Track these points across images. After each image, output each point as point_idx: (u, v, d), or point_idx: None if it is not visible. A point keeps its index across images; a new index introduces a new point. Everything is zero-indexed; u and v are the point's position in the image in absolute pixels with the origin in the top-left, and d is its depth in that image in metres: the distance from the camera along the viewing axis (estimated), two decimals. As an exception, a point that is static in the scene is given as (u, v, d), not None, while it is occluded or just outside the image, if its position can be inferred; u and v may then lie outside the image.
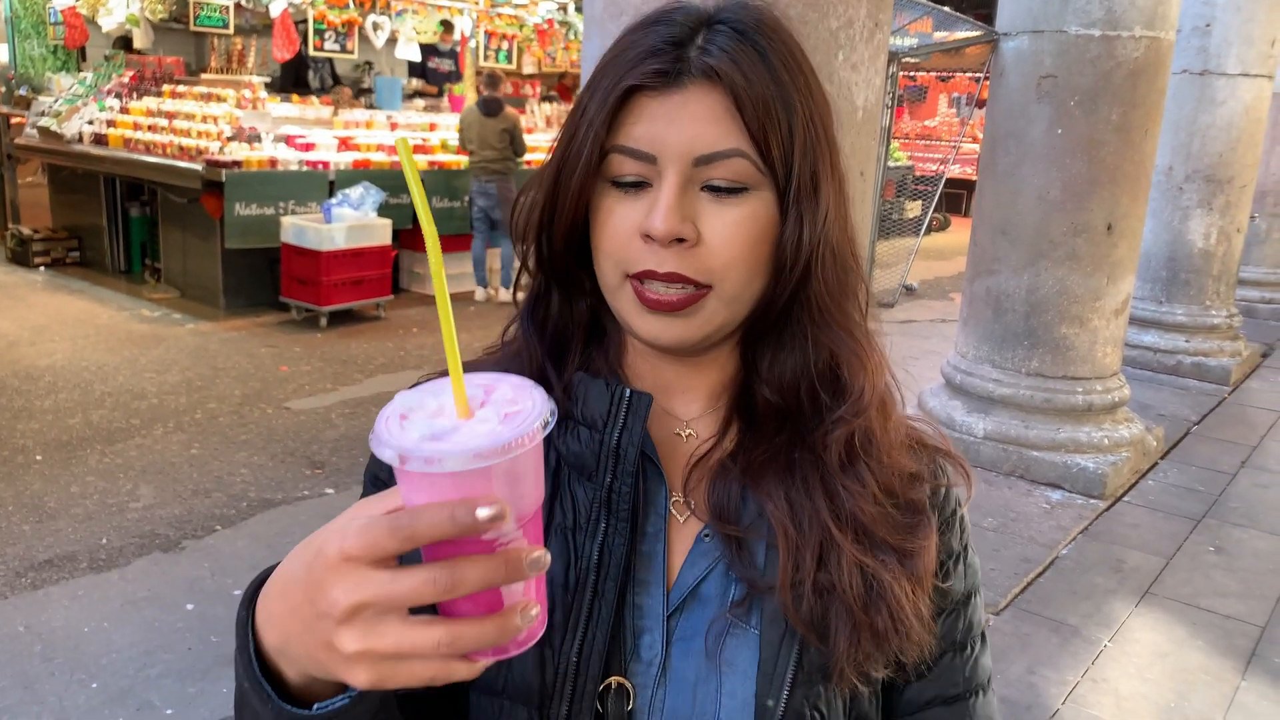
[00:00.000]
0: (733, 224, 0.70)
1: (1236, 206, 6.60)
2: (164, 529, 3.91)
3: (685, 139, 0.69)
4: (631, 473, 0.74)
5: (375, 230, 7.22)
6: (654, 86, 0.70)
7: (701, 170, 0.70)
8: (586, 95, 0.73)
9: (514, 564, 0.51)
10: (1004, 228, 4.73)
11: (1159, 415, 5.63)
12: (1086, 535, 4.19)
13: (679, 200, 0.69)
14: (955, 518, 0.82)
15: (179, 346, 6.41)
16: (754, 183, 0.71)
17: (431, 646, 0.50)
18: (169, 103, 8.03)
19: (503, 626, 0.51)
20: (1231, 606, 3.64)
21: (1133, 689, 3.09)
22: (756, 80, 0.69)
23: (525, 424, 0.53)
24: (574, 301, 0.80)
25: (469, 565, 0.50)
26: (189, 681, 2.95)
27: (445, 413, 0.55)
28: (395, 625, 0.50)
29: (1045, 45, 4.46)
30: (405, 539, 0.49)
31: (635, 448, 0.74)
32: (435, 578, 0.49)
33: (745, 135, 0.69)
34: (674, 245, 0.69)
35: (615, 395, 0.75)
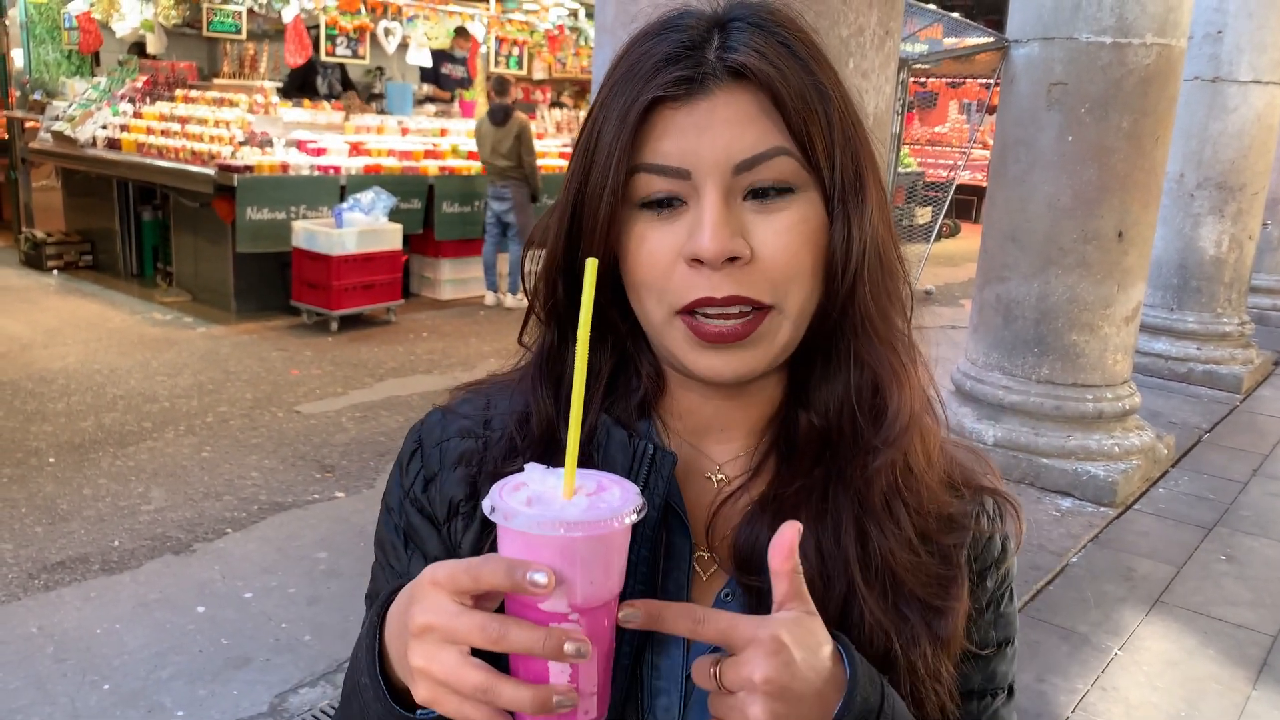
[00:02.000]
0: (785, 230, 0.65)
1: (1248, 214, 6.59)
2: (175, 531, 3.93)
3: (721, 146, 0.63)
4: (651, 536, 0.69)
5: (386, 235, 7.25)
6: (678, 96, 0.64)
7: (743, 178, 0.64)
8: (599, 116, 0.67)
9: (553, 640, 0.55)
10: (1014, 234, 4.73)
11: (1170, 423, 5.61)
12: (1097, 543, 4.18)
13: (725, 214, 0.63)
14: (997, 569, 0.77)
15: (190, 350, 6.44)
16: (800, 183, 0.65)
17: (471, 687, 0.56)
18: (182, 107, 8.08)
19: (536, 697, 0.55)
20: (1243, 615, 3.63)
21: (1143, 698, 3.08)
22: (790, 72, 0.64)
23: (600, 513, 0.58)
24: (598, 355, 0.73)
25: (517, 626, 0.56)
26: (200, 683, 2.96)
27: (551, 490, 0.60)
28: (451, 656, 0.56)
29: (1056, 52, 4.46)
30: (473, 578, 0.56)
31: (657, 511, 0.69)
32: (486, 626, 0.55)
33: (785, 132, 0.64)
34: (727, 265, 0.63)
35: (638, 452, 0.71)
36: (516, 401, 0.76)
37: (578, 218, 0.68)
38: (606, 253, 0.67)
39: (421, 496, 0.77)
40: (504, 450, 0.74)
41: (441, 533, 0.76)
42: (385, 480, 0.82)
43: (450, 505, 0.75)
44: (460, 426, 0.77)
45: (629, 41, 0.68)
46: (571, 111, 10.76)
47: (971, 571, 0.75)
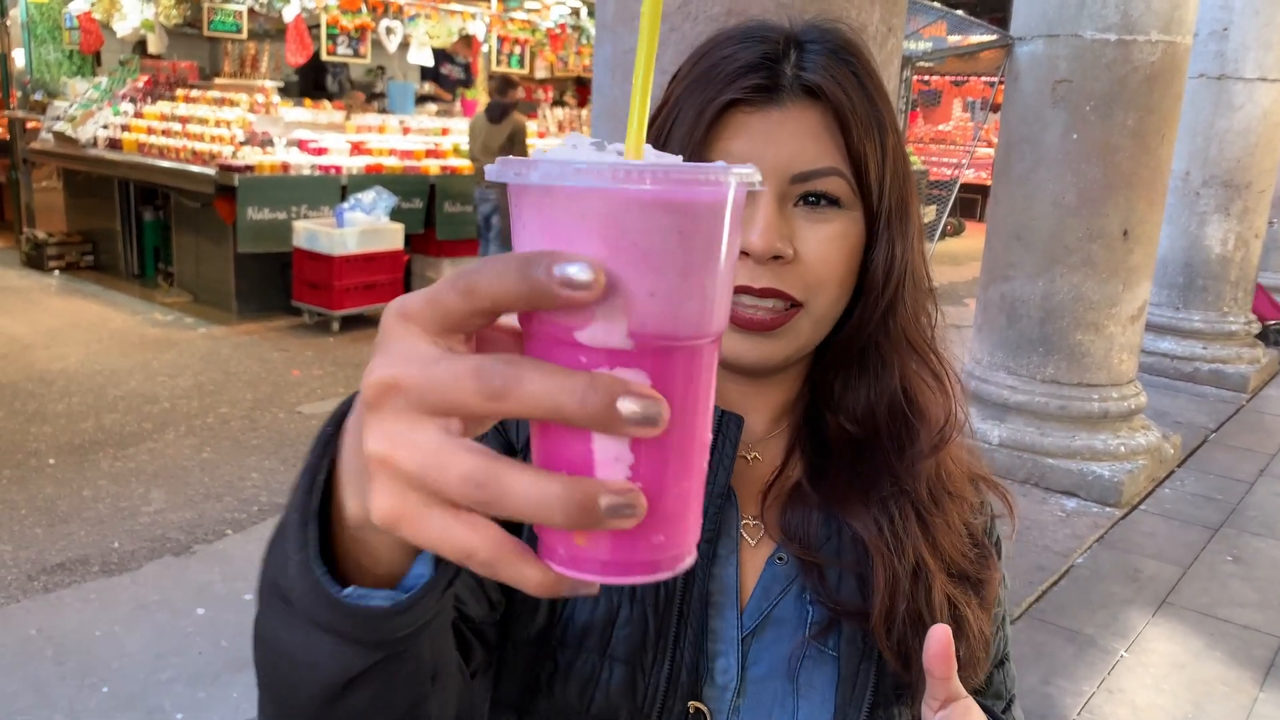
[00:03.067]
0: (828, 240, 0.70)
1: (1254, 212, 6.55)
2: (175, 533, 3.91)
3: (784, 156, 0.69)
4: (721, 494, 0.73)
5: (387, 235, 7.23)
6: (754, 101, 0.69)
7: (798, 186, 0.70)
8: (669, 118, 0.71)
9: (596, 392, 0.33)
10: (1019, 233, 4.70)
11: (1176, 423, 5.58)
12: (1102, 544, 4.15)
13: (777, 217, 0.69)
14: (999, 548, 0.84)
15: (191, 351, 6.42)
16: (848, 201, 0.70)
17: (458, 478, 0.34)
18: (183, 107, 8.06)
19: (569, 498, 0.33)
20: (1250, 617, 3.60)
21: (1149, 700, 3.05)
22: (857, 100, 0.69)
23: (694, 171, 0.35)
24: None
25: (533, 369, 0.33)
26: (199, 686, 2.94)
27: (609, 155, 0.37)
28: (429, 434, 0.34)
29: (1060, 50, 4.43)
30: (464, 291, 0.35)
31: (727, 471, 0.73)
32: (482, 369, 0.33)
33: (843, 154, 0.69)
34: (770, 262, 0.69)
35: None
36: None
37: None
38: None
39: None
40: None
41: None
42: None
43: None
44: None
45: (708, 43, 0.73)
46: (574, 110, 10.72)
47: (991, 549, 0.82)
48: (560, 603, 0.71)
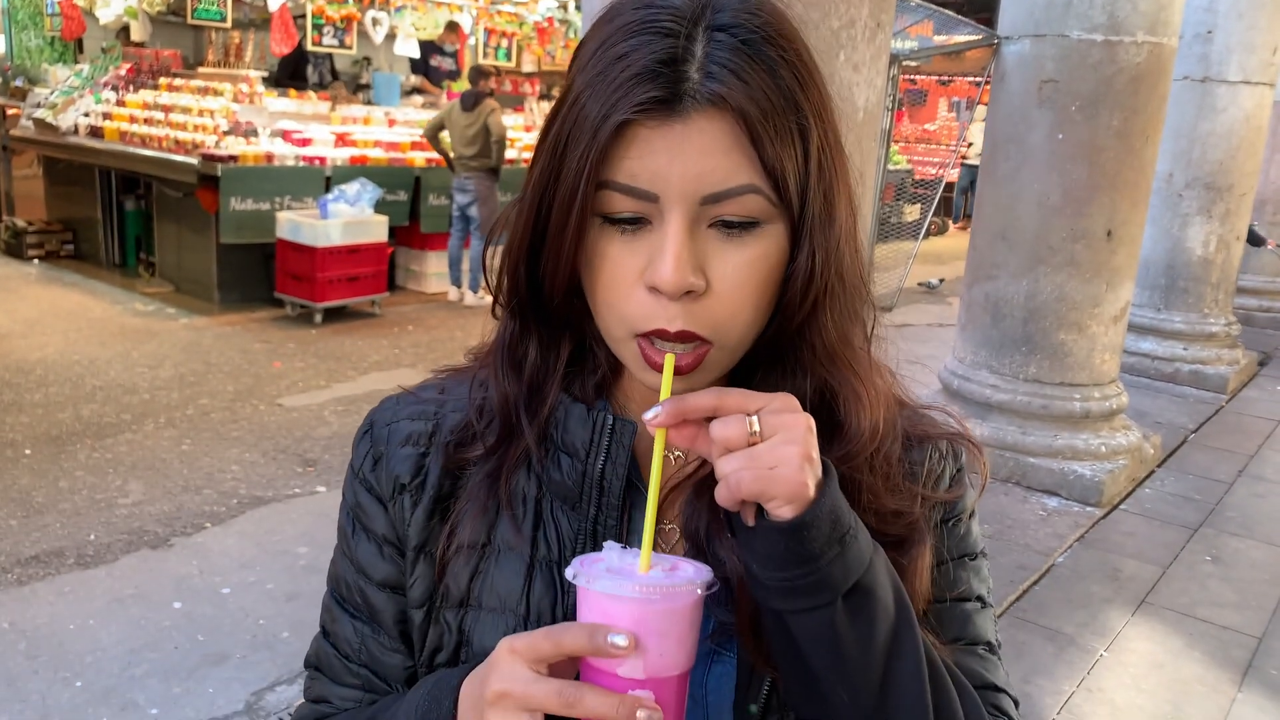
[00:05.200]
0: (745, 266, 0.64)
1: (1236, 214, 6.59)
2: (153, 526, 3.87)
3: (692, 176, 0.61)
4: (617, 506, 0.71)
5: (371, 227, 7.19)
6: (653, 115, 0.61)
7: (709, 208, 0.62)
8: (568, 119, 0.64)
9: (628, 706, 0.57)
10: (1004, 233, 4.70)
11: (1156, 423, 5.61)
12: (1083, 543, 4.16)
13: (688, 247, 0.62)
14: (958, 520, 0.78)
15: (172, 341, 6.37)
16: (766, 217, 0.64)
17: None
18: (165, 96, 7.99)
19: None
20: (1228, 617, 3.62)
21: (1128, 699, 3.06)
22: (769, 106, 0.61)
23: (670, 580, 0.60)
24: (558, 345, 0.74)
25: (591, 692, 0.58)
26: (174, 681, 2.91)
27: (629, 565, 0.62)
28: None
29: (1047, 50, 4.43)
30: (554, 644, 0.59)
31: (620, 480, 0.71)
32: (563, 691, 0.57)
33: (758, 168, 0.62)
34: (682, 298, 0.63)
35: (598, 423, 0.71)
36: (476, 390, 0.76)
37: (542, 218, 0.66)
38: (568, 261, 0.66)
39: (370, 475, 0.78)
40: (459, 435, 0.75)
41: (389, 510, 0.76)
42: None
43: (395, 483, 0.76)
44: (412, 410, 0.79)
45: (603, 29, 0.64)
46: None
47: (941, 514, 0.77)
48: (465, 628, 0.74)
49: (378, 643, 0.77)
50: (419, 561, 0.75)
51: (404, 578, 0.75)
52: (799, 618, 0.60)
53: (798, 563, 0.59)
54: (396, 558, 0.76)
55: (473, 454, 0.74)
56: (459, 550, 0.73)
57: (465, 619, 0.73)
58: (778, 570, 0.59)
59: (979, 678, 0.74)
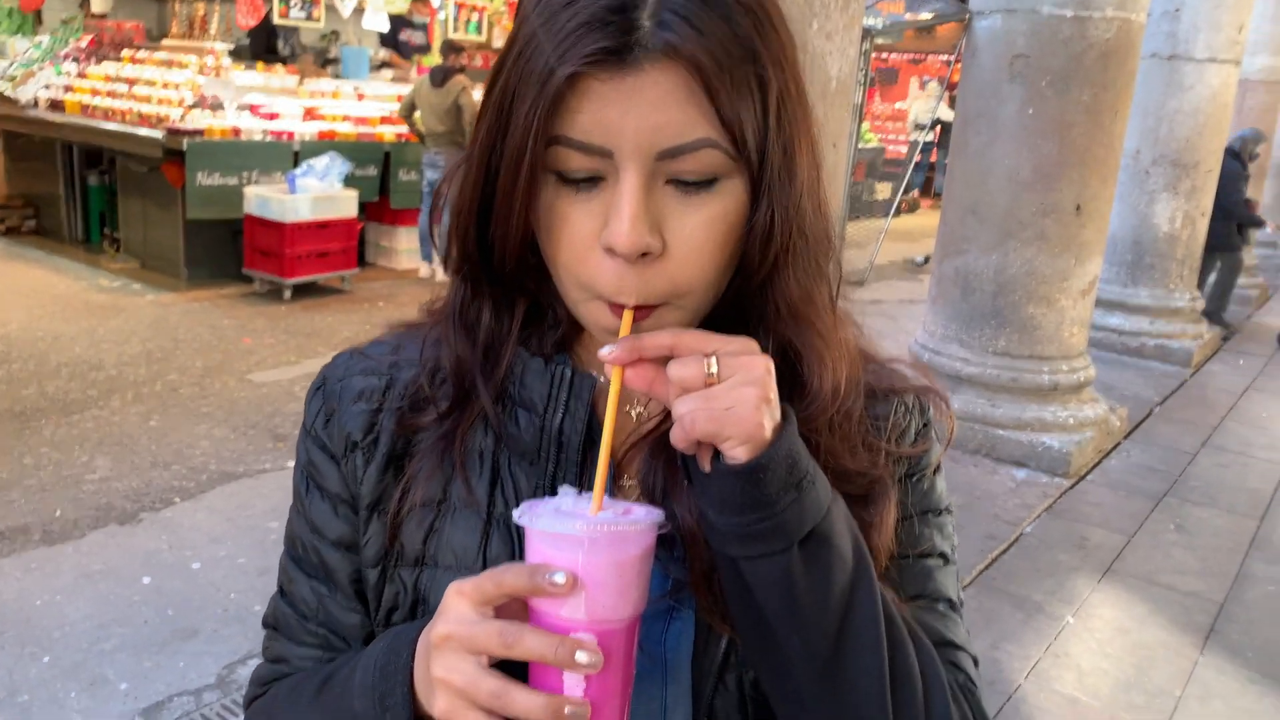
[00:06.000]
0: (702, 226, 0.61)
1: (1201, 191, 6.67)
2: (121, 501, 3.83)
3: (646, 129, 0.58)
4: (576, 460, 0.69)
5: (341, 202, 7.11)
6: (604, 66, 0.57)
7: (665, 164, 0.60)
8: (515, 72, 0.60)
9: (565, 649, 0.56)
10: (974, 207, 4.73)
11: (1123, 396, 5.69)
12: (1051, 513, 4.22)
13: (644, 206, 0.59)
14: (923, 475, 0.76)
15: (139, 317, 6.28)
16: (725, 172, 0.61)
17: (486, 694, 0.57)
18: (129, 68, 7.84)
19: (547, 706, 0.56)
20: (1191, 584, 3.69)
21: (1094, 664, 3.12)
22: (725, 55, 0.58)
23: (623, 519, 0.59)
24: (512, 307, 0.71)
25: (530, 632, 0.57)
26: (145, 655, 2.89)
27: (581, 509, 0.61)
28: (469, 665, 0.58)
29: (1018, 24, 4.45)
30: (496, 584, 0.58)
31: (579, 434, 0.69)
32: (502, 631, 0.57)
33: (716, 121, 0.59)
34: (638, 260, 0.61)
35: (556, 377, 0.70)
36: (428, 351, 0.74)
37: (491, 177, 0.64)
38: (520, 221, 0.64)
39: (322, 433, 0.75)
40: (412, 397, 0.74)
41: (341, 468, 0.75)
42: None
43: (347, 440, 0.74)
44: (365, 366, 0.77)
45: None
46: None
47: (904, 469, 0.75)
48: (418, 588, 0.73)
49: (335, 602, 0.76)
50: (372, 520, 0.73)
51: (358, 536, 0.74)
52: (754, 564, 0.59)
53: (753, 507, 0.58)
54: (350, 516, 0.74)
55: (425, 419, 0.72)
56: (413, 509, 0.71)
57: (421, 578, 0.71)
58: (733, 515, 0.58)
59: (938, 634, 0.73)
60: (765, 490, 0.58)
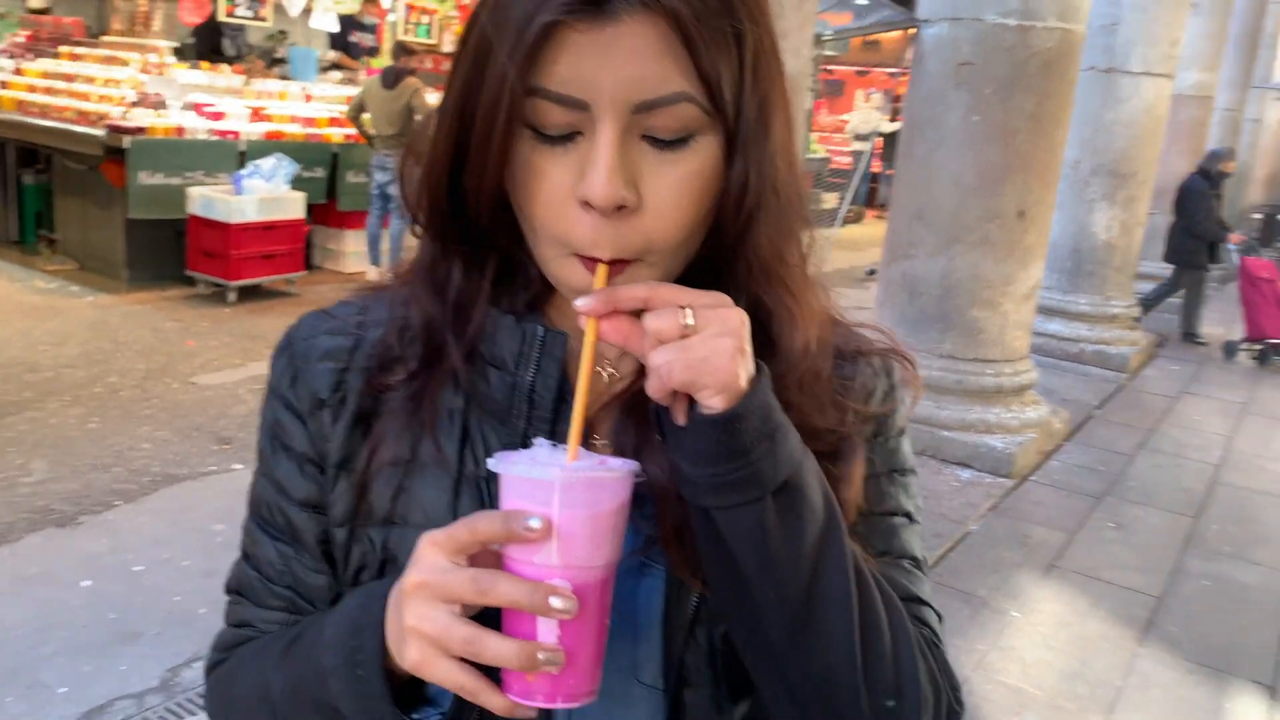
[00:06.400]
0: (678, 182, 0.62)
1: (1138, 200, 6.87)
2: (59, 504, 3.72)
3: (623, 82, 0.58)
4: (547, 418, 0.69)
5: (288, 203, 7.01)
6: (581, 16, 0.58)
7: (642, 118, 0.60)
8: (490, 22, 0.60)
9: (539, 594, 0.56)
10: (920, 213, 4.82)
11: (1063, 400, 5.82)
12: (995, 512, 4.31)
13: (620, 159, 0.60)
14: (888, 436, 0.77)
15: (77, 319, 6.12)
16: (700, 128, 0.61)
17: (459, 640, 0.57)
18: (68, 65, 7.65)
19: (520, 652, 0.57)
20: (1130, 579, 3.78)
21: (1038, 656, 3.19)
22: (703, 8, 0.58)
23: (598, 468, 0.60)
24: (483, 264, 0.71)
25: (504, 578, 0.57)
26: (84, 659, 2.81)
27: (556, 459, 0.61)
28: (442, 613, 0.57)
29: (963, 32, 4.55)
30: (470, 531, 0.58)
31: (551, 391, 0.69)
32: (476, 578, 0.57)
33: (693, 75, 0.59)
34: (613, 214, 0.61)
35: (527, 335, 0.70)
36: (397, 310, 0.74)
37: (465, 129, 0.63)
38: (496, 175, 0.63)
39: (288, 392, 0.74)
40: (380, 357, 0.73)
41: (308, 427, 0.74)
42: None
43: (314, 398, 0.73)
44: (331, 325, 0.76)
45: None
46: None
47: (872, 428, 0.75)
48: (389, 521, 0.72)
49: (300, 563, 0.75)
50: (340, 478, 0.72)
51: (324, 496, 0.73)
52: (728, 514, 0.60)
53: (728, 457, 0.58)
54: (317, 476, 0.73)
55: (394, 379, 0.72)
56: (381, 468, 0.71)
57: (390, 537, 0.71)
58: (708, 465, 0.59)
59: (904, 590, 0.74)
60: (740, 440, 0.58)
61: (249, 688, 0.72)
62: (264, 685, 0.70)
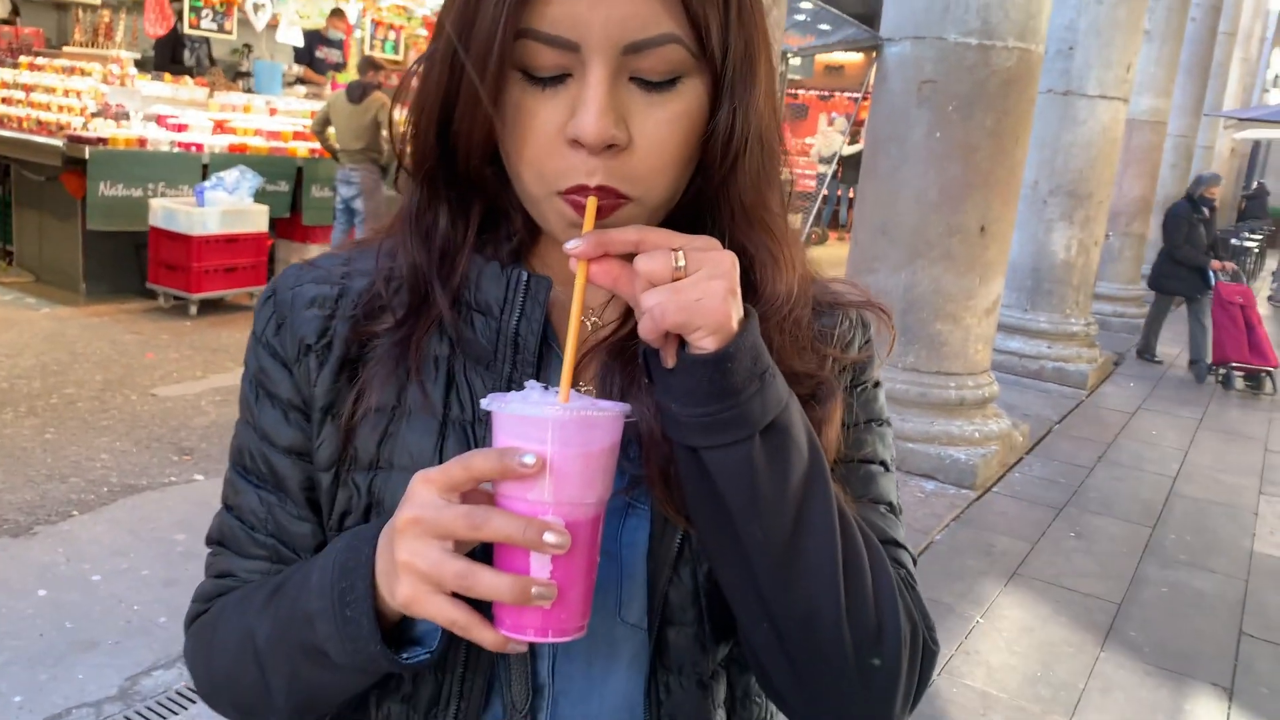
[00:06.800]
0: (665, 123, 0.63)
1: (1095, 221, 7.02)
2: (13, 514, 3.64)
3: (613, 22, 0.59)
4: (532, 362, 0.70)
5: (251, 216, 6.94)
6: None
7: (631, 59, 0.61)
8: None
9: (533, 529, 0.57)
10: (884, 228, 4.88)
11: (1024, 415, 5.91)
12: (959, 522, 4.35)
13: (610, 98, 0.61)
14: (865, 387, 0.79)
15: (33, 331, 6.01)
16: (687, 70, 0.63)
17: (452, 575, 0.57)
18: (26, 75, 7.53)
19: (513, 587, 0.57)
20: (1091, 586, 3.84)
21: (1002, 661, 3.22)
22: None
23: (591, 407, 0.60)
24: (468, 212, 0.72)
25: (497, 514, 0.57)
26: (40, 668, 2.75)
27: (549, 400, 0.61)
28: (434, 549, 0.58)
29: (926, 51, 4.64)
30: (464, 468, 0.58)
31: (535, 335, 0.70)
32: (470, 513, 0.57)
33: (681, 17, 0.61)
34: (603, 152, 0.61)
35: (512, 280, 0.71)
36: (383, 259, 0.75)
37: (456, 75, 0.64)
38: (486, 117, 0.64)
39: (273, 340, 0.75)
40: (366, 305, 0.74)
41: (293, 374, 0.74)
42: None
43: (300, 344, 0.74)
44: (316, 275, 0.77)
45: None
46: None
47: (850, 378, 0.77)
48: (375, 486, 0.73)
49: (284, 511, 0.75)
50: (325, 423, 0.72)
51: (309, 443, 0.73)
52: (717, 454, 0.60)
53: (719, 396, 0.59)
54: (302, 422, 0.74)
55: (381, 326, 0.72)
56: (367, 413, 0.71)
57: (375, 480, 0.71)
58: (698, 405, 0.59)
59: (881, 532, 0.75)
60: (731, 379, 0.59)
61: (232, 636, 0.72)
62: (247, 632, 0.70)
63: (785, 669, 0.67)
